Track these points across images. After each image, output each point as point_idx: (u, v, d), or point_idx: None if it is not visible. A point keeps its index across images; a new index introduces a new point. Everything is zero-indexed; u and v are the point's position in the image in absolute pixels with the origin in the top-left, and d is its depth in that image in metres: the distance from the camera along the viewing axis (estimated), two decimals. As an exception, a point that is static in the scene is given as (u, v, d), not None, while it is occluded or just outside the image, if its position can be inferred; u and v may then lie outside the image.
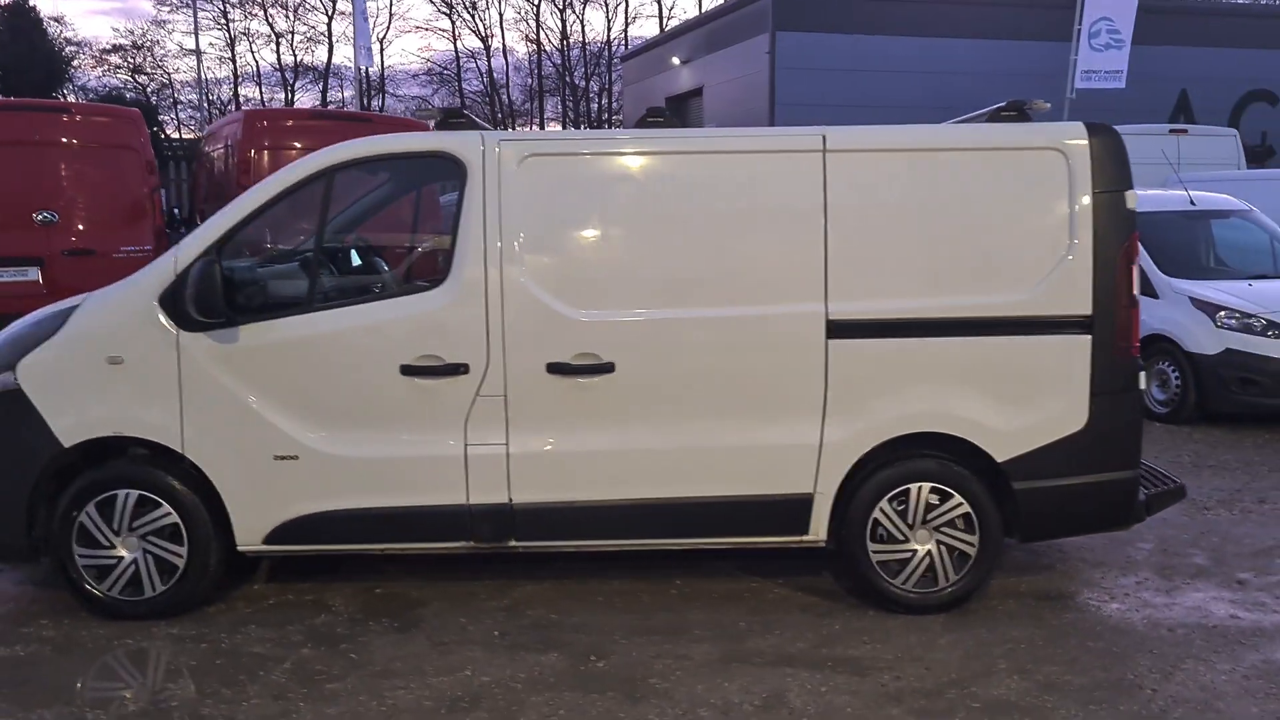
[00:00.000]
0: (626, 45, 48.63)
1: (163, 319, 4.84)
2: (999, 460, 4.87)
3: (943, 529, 4.93)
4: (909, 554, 4.95)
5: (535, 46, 50.71)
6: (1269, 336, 8.74)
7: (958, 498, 4.91)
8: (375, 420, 4.89)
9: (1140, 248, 5.01)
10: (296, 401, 4.87)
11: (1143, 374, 4.95)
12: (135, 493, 4.91)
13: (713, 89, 33.86)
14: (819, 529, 4.95)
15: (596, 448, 4.88)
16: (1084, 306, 4.81)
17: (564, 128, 50.11)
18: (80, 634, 4.86)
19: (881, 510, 4.92)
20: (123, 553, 4.93)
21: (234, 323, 4.80)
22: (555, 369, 4.81)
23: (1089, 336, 4.82)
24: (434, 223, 5.49)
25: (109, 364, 4.86)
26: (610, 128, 48.68)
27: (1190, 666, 4.46)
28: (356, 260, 5.39)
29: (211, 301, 4.64)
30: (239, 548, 5.00)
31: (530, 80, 51.41)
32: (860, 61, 28.32)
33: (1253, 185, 11.93)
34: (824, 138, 4.84)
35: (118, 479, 4.92)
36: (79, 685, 4.42)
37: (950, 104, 25.86)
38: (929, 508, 4.92)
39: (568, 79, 51.02)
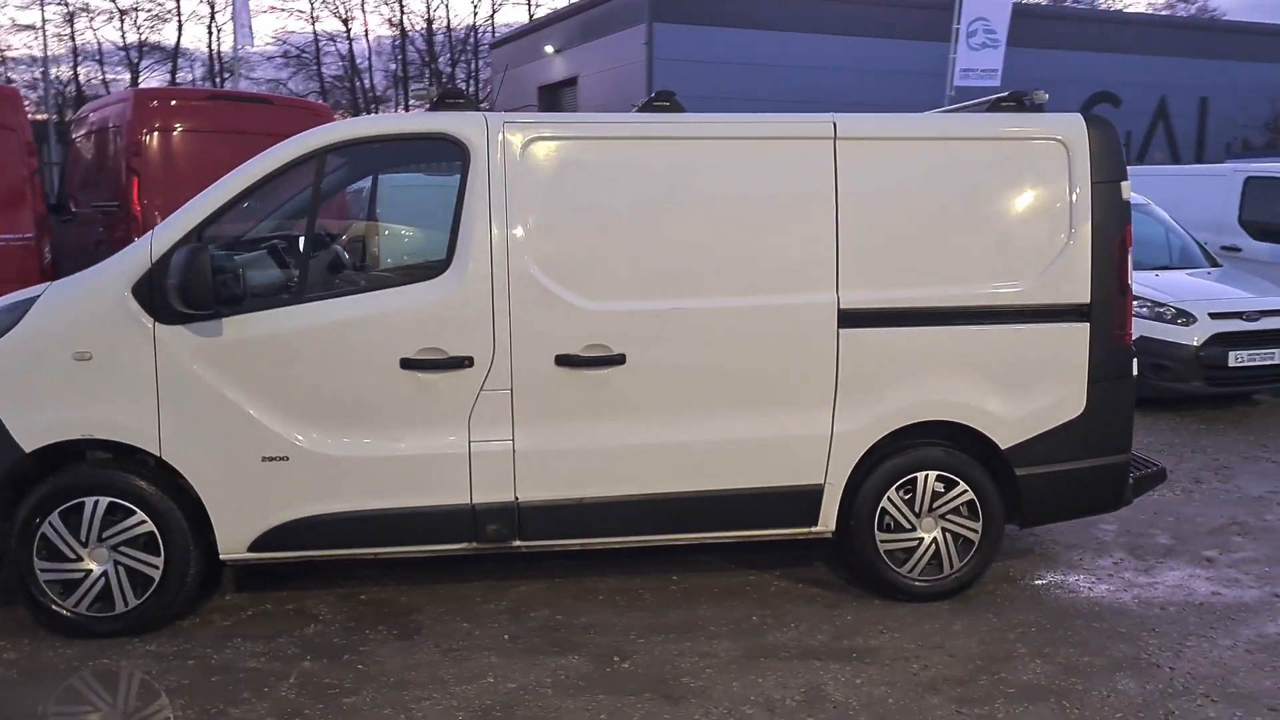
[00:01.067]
0: (494, 32, 48.00)
1: (137, 311, 4.46)
2: (1003, 447, 4.92)
3: (948, 517, 4.97)
4: (915, 543, 4.97)
5: (399, 30, 49.48)
6: (1178, 324, 9.17)
7: (962, 485, 4.95)
8: (372, 417, 4.62)
9: None
10: (287, 398, 4.56)
11: (1135, 361, 5.07)
12: (105, 500, 4.52)
13: (588, 79, 33.70)
14: (828, 520, 4.92)
15: (606, 443, 4.73)
16: (1083, 295, 4.90)
17: (430, 115, 49.08)
18: (46, 655, 4.45)
19: (889, 500, 4.92)
20: (91, 565, 4.54)
21: (219, 314, 4.46)
22: (564, 361, 4.64)
23: (1087, 324, 4.91)
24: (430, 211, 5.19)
25: (75, 361, 4.46)
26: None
27: (1195, 644, 4.60)
28: (350, 246, 5.08)
29: (200, 291, 4.29)
30: (222, 556, 4.67)
31: (393, 65, 50.15)
32: (738, 55, 28.64)
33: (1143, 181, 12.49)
34: (835, 124, 4.79)
35: (85, 485, 4.53)
36: (56, 713, 4.05)
37: (831, 100, 26.42)
38: (935, 496, 4.95)
39: (432, 64, 49.95)
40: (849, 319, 4.78)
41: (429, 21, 49.50)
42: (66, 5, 44.87)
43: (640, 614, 4.89)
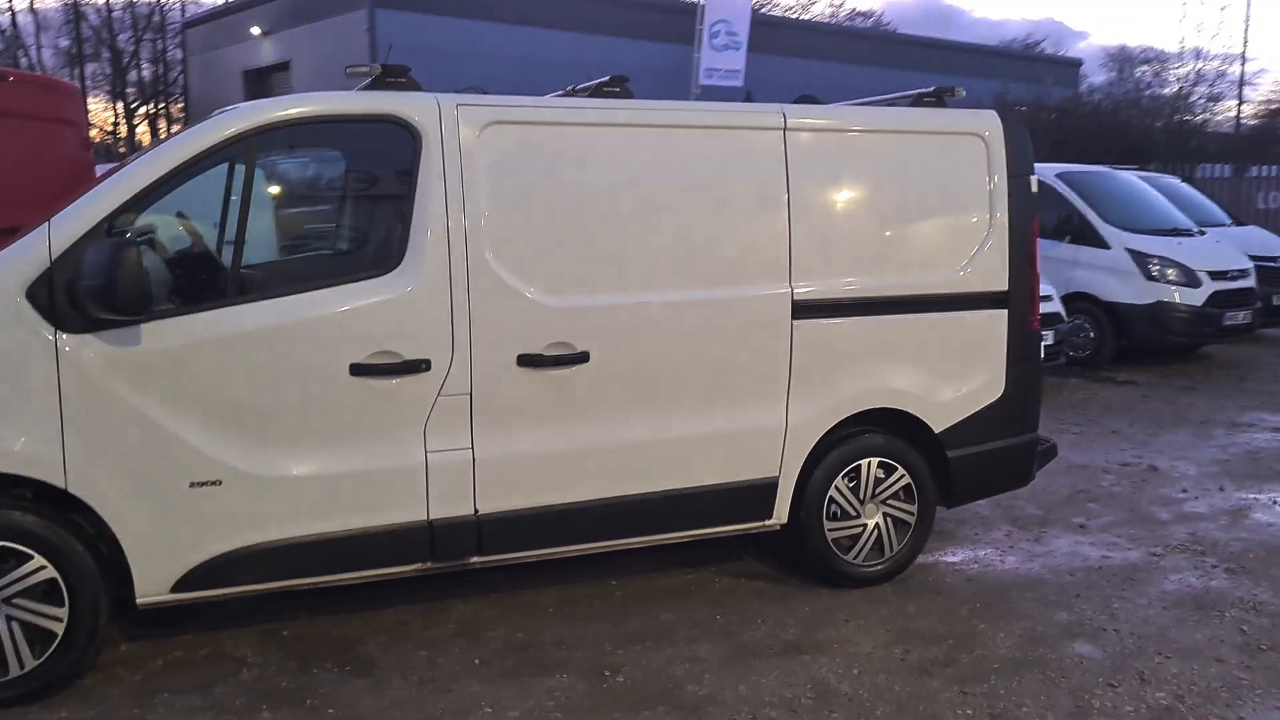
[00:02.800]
0: (183, 9, 44.59)
1: (34, 318, 3.75)
2: (936, 431, 5.09)
3: (888, 501, 5.08)
4: (860, 529, 5.04)
5: (70, 3, 44.87)
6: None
7: (901, 470, 5.07)
8: (318, 431, 4.12)
9: None
10: (218, 414, 3.99)
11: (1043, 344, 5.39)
12: (-7, 544, 3.78)
13: (303, 65, 32.02)
14: (781, 512, 4.90)
15: (569, 445, 4.47)
16: (1002, 283, 5.14)
17: (113, 98, 45.06)
18: (-73, 739, 3.67)
19: (837, 488, 4.96)
20: (-24, 625, 3.79)
21: (140, 320, 3.83)
22: (526, 361, 4.34)
23: (1006, 311, 5.16)
24: (374, 195, 4.64)
25: (-46, 380, 3.69)
26: (168, 101, 44.57)
27: (1120, 605, 4.95)
28: (287, 241, 4.48)
29: (132, 293, 3.65)
30: (139, 601, 4.02)
31: (65, 41, 45.42)
32: (472, 46, 28.14)
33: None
34: (784, 114, 4.76)
35: (-38, 530, 3.76)
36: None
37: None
38: (877, 482, 5.04)
39: (111, 43, 45.68)
40: (801, 310, 4.76)
41: (107, -5, 45.24)
42: None
43: (601, 624, 4.67)
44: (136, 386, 3.87)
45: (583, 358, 4.42)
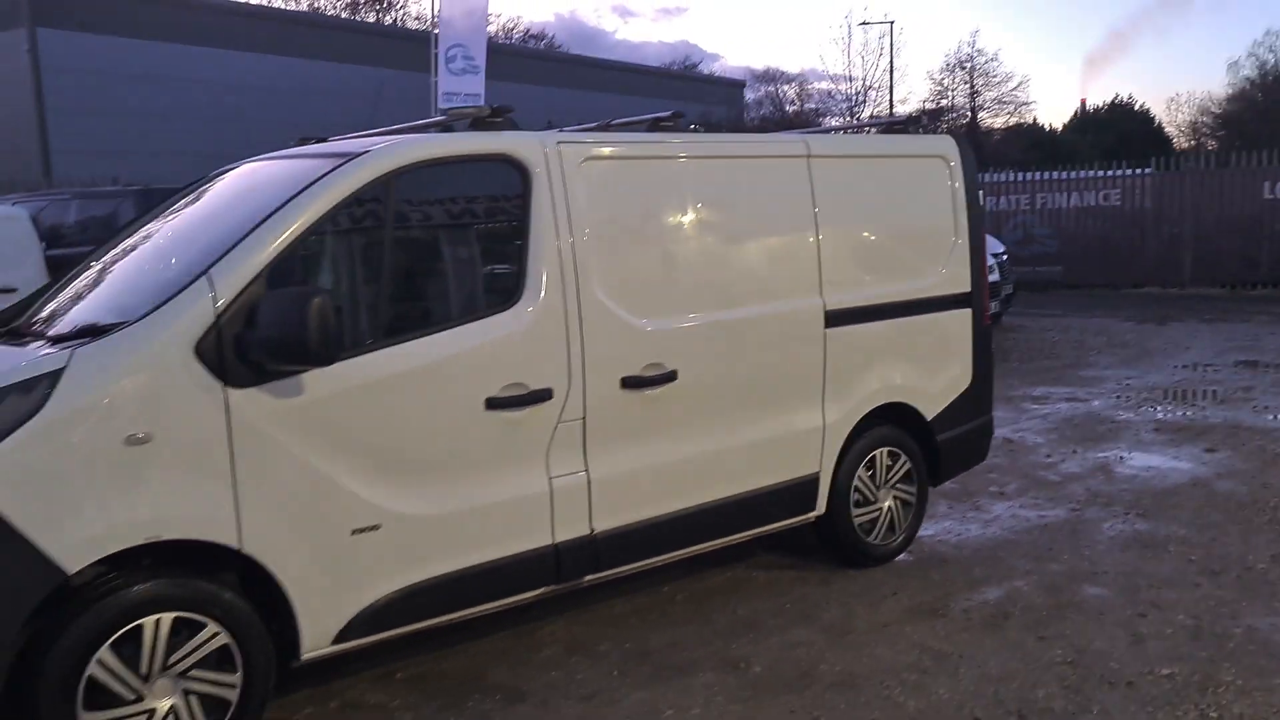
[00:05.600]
0: None
1: (203, 375, 3.59)
2: (929, 419, 5.77)
3: (897, 485, 5.71)
4: (878, 513, 5.63)
5: None
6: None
7: (904, 456, 5.72)
8: (459, 466, 4.18)
9: None
10: (374, 458, 3.96)
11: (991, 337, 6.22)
12: (169, 616, 3.58)
13: (-52, 88, 28.71)
14: (821, 504, 5.40)
15: (664, 459, 4.75)
16: (966, 285, 5.91)
17: None
18: (129, 834, 3.40)
19: (859, 478, 5.53)
20: (156, 703, 3.57)
21: (303, 370, 3.75)
22: (628, 383, 4.58)
23: (970, 309, 5.94)
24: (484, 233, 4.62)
25: (128, 446, 3.47)
26: None
27: (1088, 552, 5.83)
28: (423, 280, 4.38)
29: (325, 343, 3.58)
30: (306, 656, 3.90)
31: None
32: (151, 69, 26.59)
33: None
34: (807, 143, 5.28)
35: (142, 601, 3.53)
36: None
37: (259, 120, 25.38)
38: (888, 469, 5.66)
39: None
40: (831, 319, 5.29)
41: None
42: None
43: (692, 625, 4.94)
44: (301, 437, 3.78)
45: (672, 376, 4.71)
